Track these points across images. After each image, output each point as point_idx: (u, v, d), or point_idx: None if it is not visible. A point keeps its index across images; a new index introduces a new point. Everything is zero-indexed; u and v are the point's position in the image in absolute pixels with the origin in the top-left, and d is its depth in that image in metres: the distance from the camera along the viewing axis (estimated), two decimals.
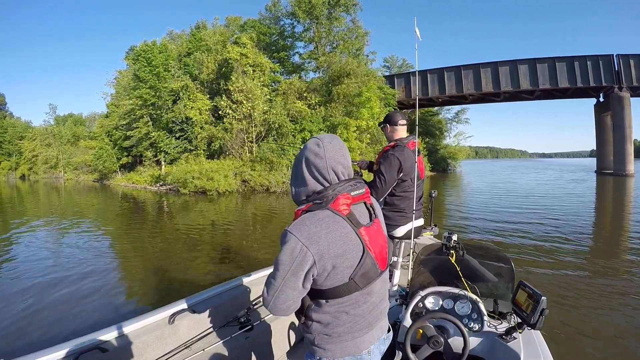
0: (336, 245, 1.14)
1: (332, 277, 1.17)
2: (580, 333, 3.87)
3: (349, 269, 1.18)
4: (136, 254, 7.78)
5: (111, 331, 1.93)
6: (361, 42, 30.56)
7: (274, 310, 1.20)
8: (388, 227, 2.86)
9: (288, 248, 1.13)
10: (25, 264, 7.02)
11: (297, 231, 1.14)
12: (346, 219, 1.19)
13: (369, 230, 1.24)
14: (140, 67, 26.40)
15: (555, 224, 9.86)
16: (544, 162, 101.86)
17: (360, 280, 1.20)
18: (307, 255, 1.12)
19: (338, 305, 1.21)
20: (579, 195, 16.95)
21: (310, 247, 1.12)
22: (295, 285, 1.16)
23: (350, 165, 1.30)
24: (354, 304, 1.22)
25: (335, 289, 1.19)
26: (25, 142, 55.44)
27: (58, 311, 4.71)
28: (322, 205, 1.19)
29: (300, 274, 1.14)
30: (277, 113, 23.17)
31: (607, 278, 5.61)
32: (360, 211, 1.27)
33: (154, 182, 26.17)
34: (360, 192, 1.26)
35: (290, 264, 1.13)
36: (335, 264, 1.16)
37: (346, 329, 1.23)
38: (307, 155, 1.25)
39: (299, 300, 1.22)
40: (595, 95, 32.40)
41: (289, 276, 1.14)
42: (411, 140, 2.83)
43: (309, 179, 1.25)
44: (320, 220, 1.15)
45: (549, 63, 29.97)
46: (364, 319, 1.26)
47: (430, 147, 41.16)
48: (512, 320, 1.95)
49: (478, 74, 31.86)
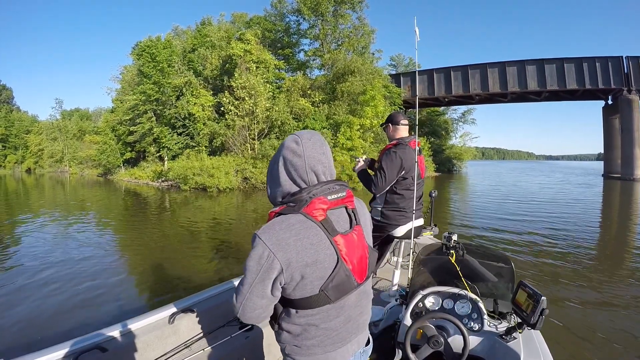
0: (306, 254, 1.05)
1: (302, 288, 1.09)
2: (580, 333, 3.86)
3: (319, 280, 1.08)
4: (136, 252, 7.71)
5: (111, 331, 1.91)
6: (367, 40, 30.31)
7: (243, 318, 1.12)
8: (388, 227, 2.89)
9: (256, 253, 1.05)
10: (25, 261, 6.95)
11: (265, 236, 1.05)
12: (320, 225, 1.09)
13: (346, 239, 1.13)
14: (144, 63, 26.39)
15: (559, 227, 9.68)
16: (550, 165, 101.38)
17: (332, 292, 1.10)
18: (274, 262, 1.04)
19: (308, 317, 1.13)
20: (586, 200, 16.48)
21: (277, 254, 1.03)
22: (262, 294, 1.07)
23: (332, 166, 1.21)
24: (325, 317, 1.13)
25: (305, 300, 1.10)
26: (31, 136, 55.87)
27: (58, 311, 4.66)
28: (295, 209, 1.09)
29: (267, 282, 1.06)
30: (280, 110, 22.98)
31: (610, 281, 5.55)
32: (339, 217, 1.17)
33: (156, 178, 26.12)
34: (339, 196, 1.16)
35: (258, 271, 1.05)
36: (304, 274, 1.07)
37: (316, 342, 1.14)
38: (285, 154, 1.15)
39: (270, 308, 1.14)
40: (603, 97, 31.73)
41: (256, 284, 1.06)
42: (412, 139, 2.86)
43: (285, 179, 1.16)
44: (291, 226, 1.06)
45: (557, 64, 29.37)
46: (337, 333, 1.16)
47: (436, 147, 40.52)
48: (512, 320, 1.93)
49: (485, 73, 31.37)
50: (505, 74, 30.62)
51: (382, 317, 2.50)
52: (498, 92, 31.36)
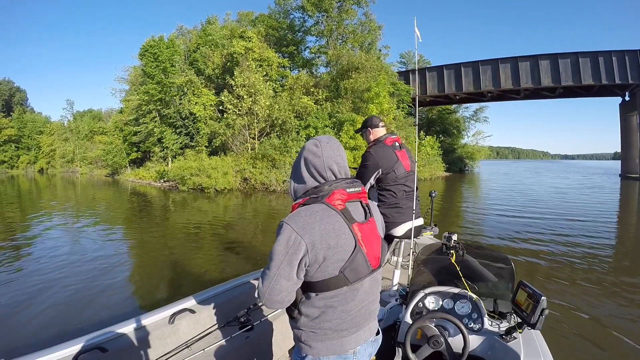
0: (329, 236, 1.17)
1: (323, 269, 1.19)
2: (580, 334, 3.86)
3: (339, 262, 1.20)
4: (135, 253, 7.72)
5: (111, 331, 1.92)
6: (373, 36, 29.55)
7: (269, 302, 1.20)
8: (387, 226, 2.89)
9: (283, 238, 1.16)
10: (28, 261, 7.00)
11: (292, 222, 1.17)
12: (340, 213, 1.21)
13: (362, 227, 1.26)
14: (147, 63, 26.27)
15: (567, 227, 9.40)
16: (566, 164, 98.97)
17: (350, 274, 1.21)
18: (301, 244, 1.15)
19: (327, 300, 1.23)
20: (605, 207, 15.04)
21: (303, 237, 1.15)
22: (289, 275, 1.17)
23: (346, 166, 1.35)
24: (343, 299, 1.24)
25: (325, 282, 1.21)
26: (43, 136, 56.88)
27: (58, 311, 4.66)
28: (318, 200, 1.23)
29: (294, 263, 1.16)
30: (282, 108, 22.42)
31: (611, 281, 5.52)
32: (356, 209, 1.30)
33: (158, 178, 25.96)
34: (356, 190, 1.30)
35: (285, 253, 1.16)
36: (327, 256, 1.18)
37: (333, 325, 1.24)
38: (306, 155, 1.32)
39: (294, 292, 1.22)
40: (620, 93, 29.97)
41: (283, 266, 1.16)
42: (388, 137, 2.94)
43: (307, 177, 1.31)
44: (315, 213, 1.19)
45: (571, 58, 27.80)
46: (352, 317, 1.27)
47: (447, 147, 39.25)
48: (512, 320, 1.93)
49: (497, 69, 30.10)
50: (517, 69, 29.28)
51: (382, 317, 2.47)
52: (510, 88, 30.04)
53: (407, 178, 2.92)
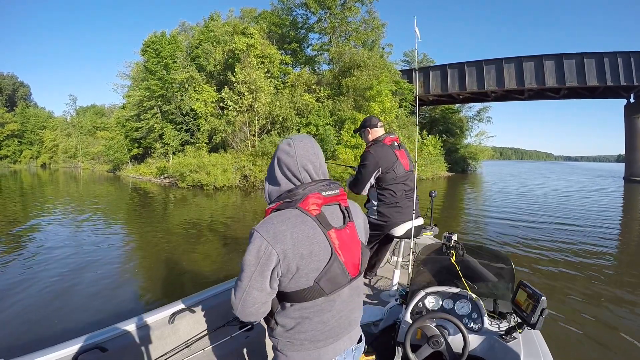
0: (301, 245, 1.11)
1: (297, 280, 1.13)
2: (580, 334, 3.85)
3: (314, 272, 1.14)
4: (135, 252, 7.62)
5: (111, 331, 1.91)
6: (377, 34, 29.36)
7: (242, 315, 1.16)
8: (386, 225, 2.94)
9: (254, 247, 1.11)
10: (30, 259, 6.90)
11: (262, 230, 1.11)
12: (315, 219, 1.15)
13: (340, 234, 1.19)
14: (149, 59, 26.18)
15: (569, 230, 9.16)
16: (570, 166, 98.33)
17: (326, 285, 1.15)
18: (272, 253, 1.09)
19: (302, 310, 1.17)
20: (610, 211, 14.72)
21: (274, 246, 1.09)
22: (262, 286, 1.12)
23: (323, 164, 1.27)
24: (319, 310, 1.18)
25: (300, 292, 1.15)
26: (46, 131, 57.07)
27: (58, 310, 4.61)
28: (291, 204, 1.16)
29: (266, 273, 1.11)
30: (282, 106, 22.27)
31: (614, 284, 5.43)
32: (333, 213, 1.23)
33: (159, 174, 25.88)
34: (333, 193, 1.22)
35: (256, 264, 1.10)
36: (300, 265, 1.12)
37: (309, 336, 1.19)
38: (279, 155, 1.24)
39: (268, 303, 1.18)
40: (625, 95, 29.52)
41: (255, 276, 1.11)
42: (387, 136, 2.96)
43: (281, 178, 1.24)
44: (287, 220, 1.12)
45: (576, 59, 27.46)
46: (330, 328, 1.21)
47: (450, 146, 38.89)
48: (512, 320, 1.92)
49: (501, 69, 29.81)
50: (521, 69, 29.01)
51: (382, 317, 2.48)
52: (514, 88, 29.73)
53: (406, 177, 2.95)
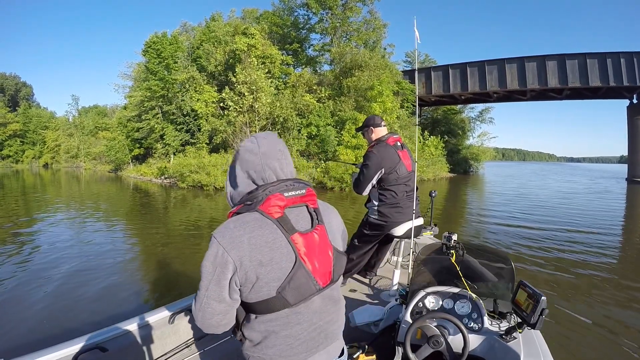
0: (260, 252, 1.01)
1: (257, 290, 1.03)
2: (581, 334, 3.85)
3: (276, 281, 1.03)
4: (135, 252, 7.60)
5: (111, 331, 1.90)
6: (378, 34, 29.27)
7: (203, 326, 1.07)
8: (386, 226, 2.93)
9: (211, 254, 1.02)
10: (31, 259, 6.88)
11: (219, 235, 1.03)
12: (276, 222, 1.05)
13: (306, 238, 1.08)
14: (150, 59, 26.17)
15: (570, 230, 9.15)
16: (572, 167, 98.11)
17: (290, 295, 1.04)
18: (228, 261, 1.00)
19: (267, 323, 1.07)
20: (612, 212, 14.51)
21: (230, 252, 1.00)
22: (220, 297, 1.02)
23: (290, 163, 1.19)
24: (285, 323, 1.08)
25: (262, 304, 1.05)
26: (48, 131, 57.17)
27: (58, 310, 4.60)
28: (251, 207, 1.07)
29: (223, 283, 1.01)
30: (283, 106, 22.20)
31: (615, 286, 5.42)
32: (299, 215, 1.12)
33: (159, 174, 25.82)
34: (297, 194, 1.11)
35: (213, 272, 1.01)
36: (259, 274, 1.02)
37: (278, 351, 1.08)
38: (242, 154, 1.15)
39: (230, 314, 1.08)
40: (628, 96, 29.23)
41: (212, 286, 1.02)
42: (390, 136, 2.94)
43: (243, 179, 1.15)
44: (245, 224, 1.03)
45: (579, 59, 27.28)
46: (300, 342, 1.10)
47: (452, 147, 38.74)
48: (512, 320, 1.91)
49: (503, 69, 29.67)
50: (524, 69, 28.84)
51: (382, 317, 2.45)
52: (517, 89, 29.59)
53: (408, 178, 2.94)
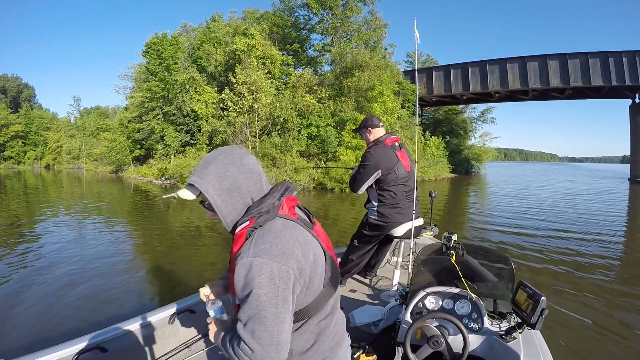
0: (307, 252, 1.01)
1: (311, 289, 1.03)
2: (581, 334, 3.86)
3: (320, 275, 1.06)
4: (136, 253, 7.59)
5: (111, 331, 1.90)
6: (379, 34, 29.15)
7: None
8: (386, 226, 2.93)
9: (264, 277, 0.91)
10: (31, 259, 6.87)
11: (264, 254, 0.93)
12: (299, 222, 1.06)
13: (317, 231, 1.13)
14: (150, 60, 26.17)
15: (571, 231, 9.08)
16: (574, 167, 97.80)
17: (331, 284, 1.10)
18: (288, 272, 0.94)
19: (319, 322, 1.08)
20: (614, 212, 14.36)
21: (287, 263, 0.94)
22: (290, 318, 0.97)
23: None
24: (331, 313, 1.12)
25: (315, 301, 1.05)
26: (50, 133, 57.31)
27: (58, 310, 4.59)
28: (270, 216, 1.01)
29: (289, 298, 0.94)
30: (283, 107, 22.13)
31: (615, 287, 5.42)
32: (300, 213, 1.15)
33: (160, 175, 25.80)
34: (295, 194, 1.16)
35: (275, 294, 0.92)
36: (312, 274, 1.02)
37: (328, 346, 1.10)
38: (236, 177, 1.05)
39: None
40: (630, 95, 29.03)
41: (280, 310, 0.92)
42: (388, 137, 2.94)
43: (239, 200, 1.06)
44: (280, 232, 0.98)
45: (581, 59, 27.11)
46: (340, 327, 1.19)
47: (454, 148, 38.59)
48: (512, 320, 1.92)
49: (504, 69, 29.54)
50: (525, 69, 28.68)
51: (382, 317, 2.47)
52: (518, 89, 29.44)
53: (407, 178, 2.94)
